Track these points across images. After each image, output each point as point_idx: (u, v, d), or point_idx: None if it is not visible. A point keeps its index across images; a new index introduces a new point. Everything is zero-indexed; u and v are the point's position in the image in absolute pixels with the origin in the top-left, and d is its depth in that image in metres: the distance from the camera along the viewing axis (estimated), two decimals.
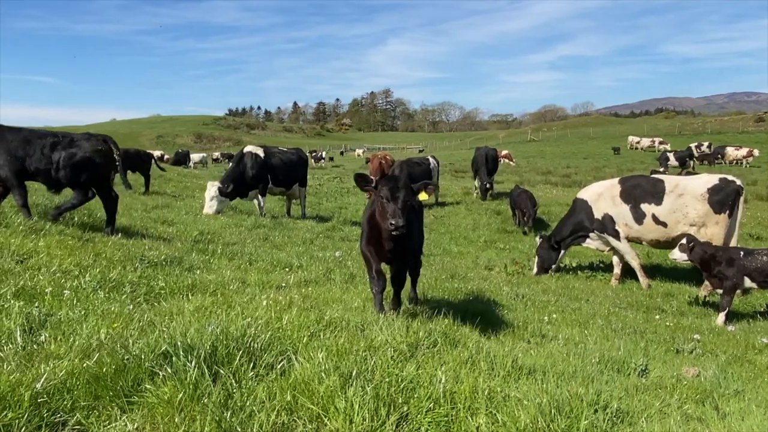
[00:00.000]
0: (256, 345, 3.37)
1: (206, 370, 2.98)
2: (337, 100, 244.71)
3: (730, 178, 11.51)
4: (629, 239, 11.92)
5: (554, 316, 7.52)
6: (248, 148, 16.09)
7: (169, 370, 2.97)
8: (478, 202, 23.49)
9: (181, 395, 2.77)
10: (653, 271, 12.77)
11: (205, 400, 2.76)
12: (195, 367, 2.98)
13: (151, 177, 19.80)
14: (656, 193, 11.48)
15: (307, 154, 58.92)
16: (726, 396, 4.47)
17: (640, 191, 11.64)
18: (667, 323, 8.19)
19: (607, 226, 11.93)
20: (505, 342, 5.13)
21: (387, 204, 4.85)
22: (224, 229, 11.86)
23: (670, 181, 11.76)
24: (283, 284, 6.49)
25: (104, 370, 2.92)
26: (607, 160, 54.34)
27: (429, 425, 2.93)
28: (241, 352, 3.22)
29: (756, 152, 48.99)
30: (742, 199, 11.32)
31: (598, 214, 12.01)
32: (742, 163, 47.54)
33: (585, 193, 12.52)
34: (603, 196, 12.04)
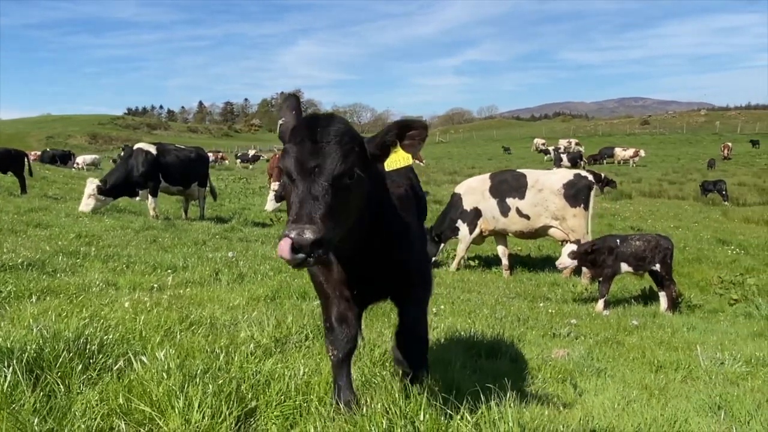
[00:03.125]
0: (92, 347, 3.10)
1: (24, 375, 2.69)
2: (246, 100, 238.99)
3: (583, 174, 12.55)
4: (496, 231, 12.63)
5: (443, 307, 7.63)
6: (139, 145, 15.25)
7: None
8: None
9: None
10: (542, 262, 13.39)
11: (16, 407, 2.47)
12: (12, 372, 2.68)
13: (27, 178, 18.27)
14: (519, 188, 12.25)
15: (235, 155, 55.33)
16: (587, 374, 4.69)
17: (506, 186, 12.40)
18: (550, 310, 8.55)
19: (468, 216, 12.54)
20: (384, 333, 5.10)
21: (290, 186, 2.46)
22: (107, 231, 11.12)
23: (531, 176, 12.52)
24: (156, 286, 6.12)
25: None
26: (509, 161, 56.72)
27: (276, 419, 2.81)
28: (72, 354, 2.95)
29: (642, 152, 52.99)
30: (593, 193, 12.28)
31: (467, 206, 12.61)
32: (629, 163, 51.23)
33: (461, 188, 13.18)
34: (476, 191, 12.70)
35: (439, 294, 9.00)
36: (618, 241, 9.86)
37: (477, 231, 12.58)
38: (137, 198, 14.89)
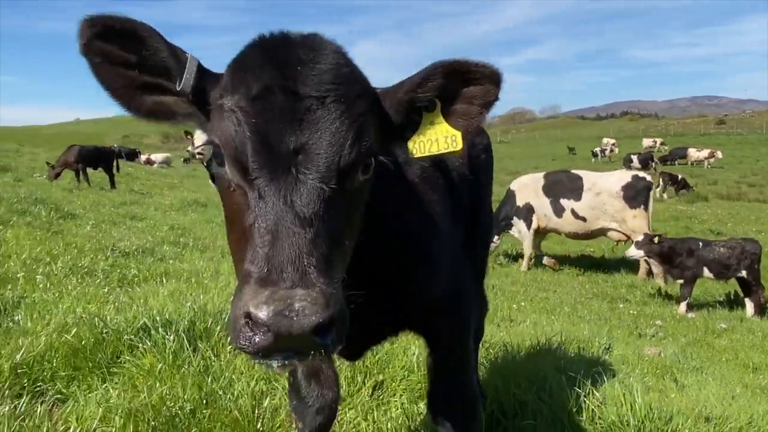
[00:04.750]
0: None
1: (186, 342, 3.04)
2: None
3: (641, 175, 12.45)
4: (548, 230, 12.69)
5: (522, 304, 7.73)
6: None
7: (149, 343, 3.02)
8: None
9: (161, 365, 2.83)
10: (617, 264, 13.15)
11: (185, 370, 2.82)
12: (174, 339, 3.04)
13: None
14: (575, 190, 12.25)
15: None
16: (685, 371, 4.71)
17: (561, 187, 12.43)
18: (631, 311, 8.49)
19: (522, 212, 12.66)
20: None
21: (233, 186, 1.35)
22: (194, 225, 11.81)
23: (588, 178, 12.45)
24: None
25: (83, 343, 2.97)
26: (573, 162, 55.32)
27: (403, 392, 3.05)
28: (219, 327, 3.29)
29: (719, 154, 49.88)
30: (651, 194, 12.10)
31: (520, 203, 12.75)
32: (703, 164, 48.72)
33: (514, 184, 13.30)
34: (528, 187, 12.83)
35: (516, 292, 9.09)
36: (700, 244, 9.62)
37: (535, 225, 12.66)
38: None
